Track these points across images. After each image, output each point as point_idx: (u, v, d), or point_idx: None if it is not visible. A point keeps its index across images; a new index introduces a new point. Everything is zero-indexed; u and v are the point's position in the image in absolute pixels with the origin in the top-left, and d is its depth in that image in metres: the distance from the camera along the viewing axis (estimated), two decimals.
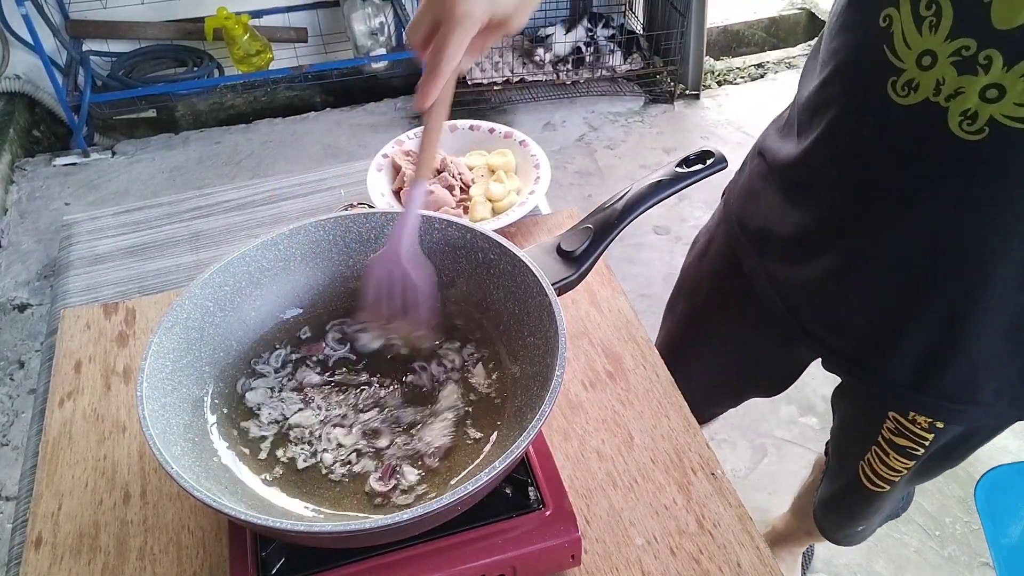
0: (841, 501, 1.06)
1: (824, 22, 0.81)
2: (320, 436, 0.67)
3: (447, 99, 0.61)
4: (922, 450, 0.85)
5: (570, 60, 3.08)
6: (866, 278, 0.77)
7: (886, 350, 0.79)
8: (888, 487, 0.94)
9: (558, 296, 0.66)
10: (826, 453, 1.10)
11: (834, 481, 1.06)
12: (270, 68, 2.89)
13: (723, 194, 1.01)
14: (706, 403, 1.15)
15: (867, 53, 0.68)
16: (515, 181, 1.06)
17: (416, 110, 0.61)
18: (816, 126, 0.77)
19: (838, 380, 0.94)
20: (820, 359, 0.90)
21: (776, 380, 1.04)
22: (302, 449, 0.66)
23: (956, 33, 0.60)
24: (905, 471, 0.90)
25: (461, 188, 1.03)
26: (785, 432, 1.85)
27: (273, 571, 0.60)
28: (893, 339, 0.77)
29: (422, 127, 0.64)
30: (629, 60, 3.13)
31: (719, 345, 1.05)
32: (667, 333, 1.15)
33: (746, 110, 3.07)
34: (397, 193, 1.04)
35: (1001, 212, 0.65)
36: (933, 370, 0.77)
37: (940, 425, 0.81)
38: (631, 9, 3.29)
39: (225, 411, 0.68)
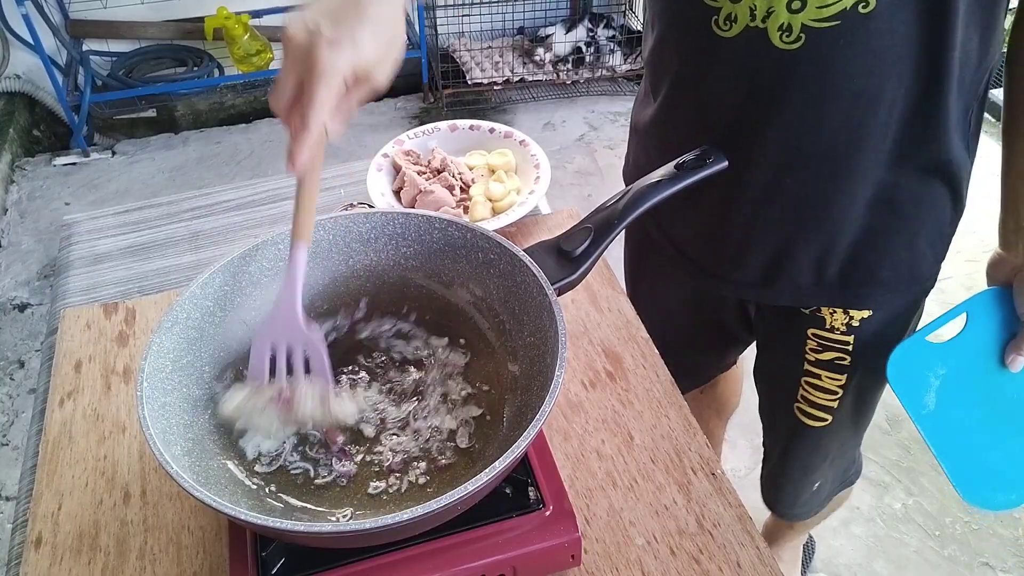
0: (785, 461, 1.06)
1: None
2: (320, 437, 0.67)
3: (319, 160, 0.59)
4: (848, 357, 0.90)
5: (570, 60, 3.08)
6: (746, 204, 0.83)
7: (786, 261, 0.85)
8: (829, 417, 0.96)
9: (558, 296, 0.66)
10: (763, 444, 1.12)
11: (772, 454, 1.09)
12: (270, 68, 2.89)
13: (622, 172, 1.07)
14: (688, 364, 1.14)
15: (686, 5, 0.76)
16: (515, 181, 1.06)
17: (288, 172, 0.59)
18: (664, 83, 0.86)
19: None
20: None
21: (738, 316, 1.03)
22: (302, 449, 0.66)
23: None
24: (840, 391, 0.93)
25: (461, 188, 1.03)
26: None
27: (273, 571, 0.60)
28: (789, 248, 0.84)
29: (297, 190, 0.62)
30: (629, 60, 3.13)
31: (665, 308, 1.07)
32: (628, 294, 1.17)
33: None
34: (397, 193, 1.04)
35: (839, 105, 0.73)
36: (827, 262, 0.84)
37: (856, 323, 0.87)
38: (631, 9, 3.29)
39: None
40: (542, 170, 1.04)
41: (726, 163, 0.74)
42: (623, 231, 1.07)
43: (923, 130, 0.75)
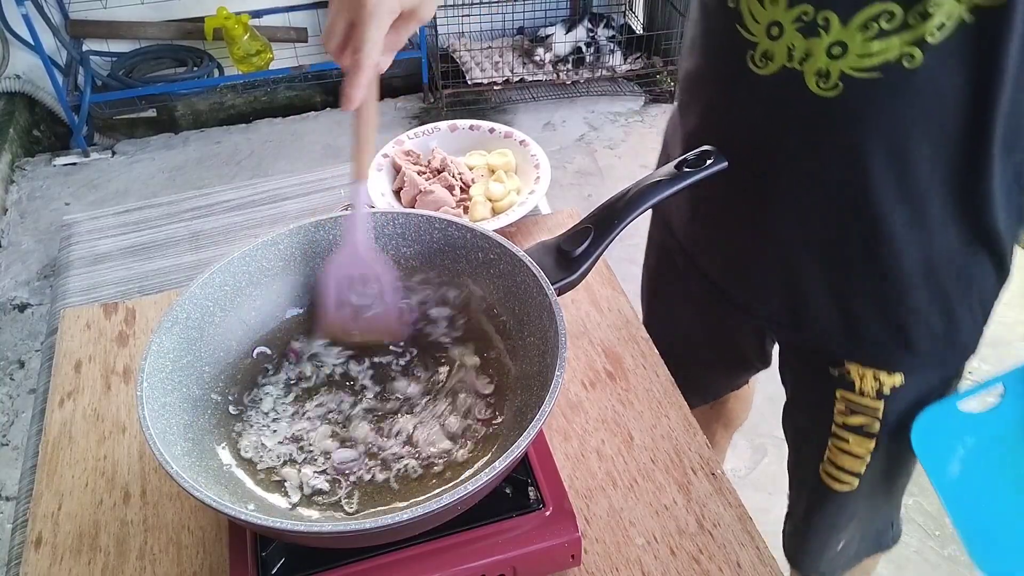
0: (809, 520, 1.01)
1: None
2: (320, 437, 0.67)
3: (374, 97, 0.62)
4: (877, 423, 0.85)
5: (570, 60, 3.08)
6: (772, 244, 0.81)
7: (809, 306, 0.82)
8: (855, 481, 0.91)
9: (558, 296, 0.66)
10: (790, 483, 1.07)
11: (796, 509, 1.03)
12: (270, 68, 2.89)
13: None
14: (700, 382, 1.13)
15: (723, 35, 0.73)
16: (515, 181, 1.06)
17: (344, 110, 0.61)
18: (694, 111, 0.83)
19: None
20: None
21: (754, 344, 1.01)
22: (302, 449, 0.66)
23: (794, 1, 0.66)
24: (867, 456, 0.89)
25: (461, 188, 1.03)
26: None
27: (273, 571, 0.60)
28: (812, 294, 0.81)
29: (353, 127, 0.65)
30: (629, 60, 3.13)
31: (679, 313, 1.05)
32: (643, 316, 1.16)
33: None
34: (397, 193, 1.04)
35: (873, 160, 0.69)
36: (857, 319, 0.80)
37: (887, 391, 0.82)
38: (631, 9, 3.29)
39: (226, 410, 0.68)
40: (542, 170, 1.04)
41: (726, 164, 0.74)
42: (645, 251, 1.08)
43: (966, 194, 0.71)
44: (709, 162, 0.74)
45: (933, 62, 0.63)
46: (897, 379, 0.82)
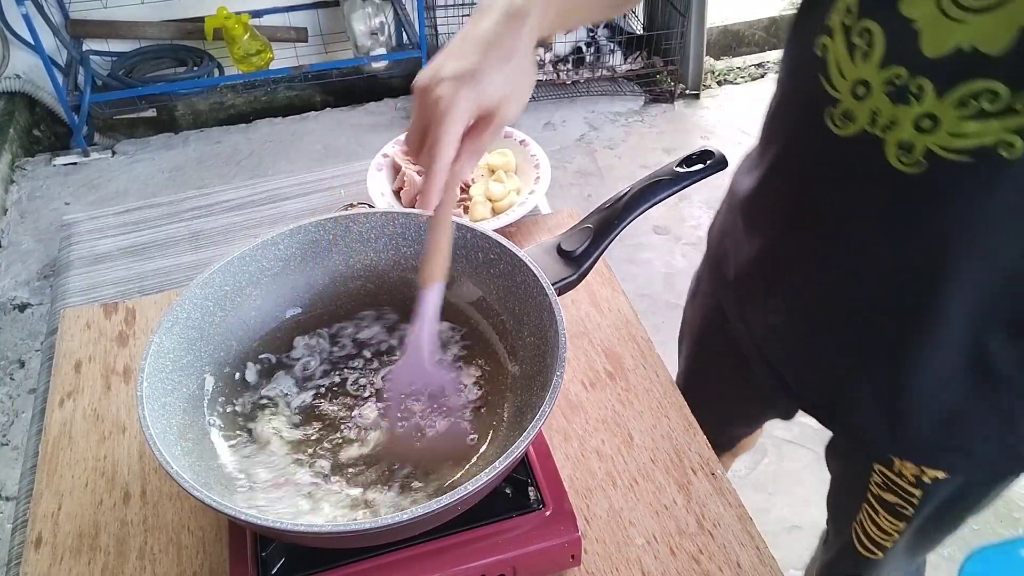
0: (837, 569, 0.99)
1: None
2: (320, 437, 0.67)
3: (452, 198, 0.60)
4: (912, 509, 0.80)
5: (570, 60, 3.08)
6: (822, 320, 0.75)
7: (851, 396, 0.76)
8: (882, 553, 0.88)
9: (558, 296, 0.66)
10: (827, 520, 1.04)
11: (831, 547, 1.01)
12: (270, 68, 2.89)
13: (708, 231, 0.98)
14: (721, 436, 1.10)
15: (806, 83, 0.66)
16: (515, 181, 1.06)
17: (425, 212, 0.60)
18: (766, 158, 0.76)
19: None
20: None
21: (789, 411, 0.98)
22: (303, 449, 0.66)
23: (888, 61, 0.58)
24: (897, 534, 0.85)
25: (461, 188, 1.03)
26: (785, 432, 1.85)
27: (273, 571, 0.60)
28: (857, 383, 0.75)
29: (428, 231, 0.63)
30: (629, 60, 3.13)
31: (719, 387, 1.01)
32: (679, 374, 1.12)
33: (746, 110, 3.07)
34: (397, 193, 1.04)
35: (947, 250, 0.62)
36: (904, 413, 0.73)
37: (928, 480, 0.76)
38: (631, 9, 3.29)
39: (225, 411, 0.68)
40: (542, 170, 1.04)
41: (726, 165, 0.74)
42: (694, 295, 1.03)
43: None
44: (709, 162, 0.74)
45: None
46: (940, 473, 0.76)
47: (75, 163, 2.82)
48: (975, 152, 0.56)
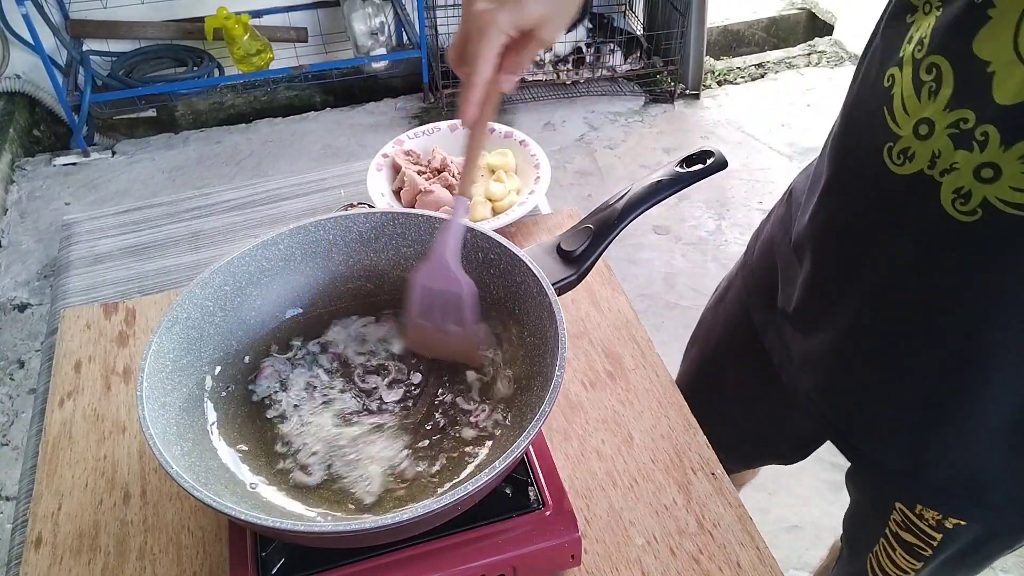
0: None
1: (824, 22, 0.80)
2: (320, 437, 0.67)
3: (488, 113, 0.62)
4: (930, 551, 0.78)
5: (570, 60, 3.08)
6: (856, 355, 0.73)
7: (882, 433, 0.74)
8: None
9: (558, 296, 0.66)
10: (842, 539, 1.03)
11: (844, 568, 0.99)
12: (270, 68, 2.89)
13: (752, 238, 0.96)
14: (728, 452, 1.10)
15: (869, 113, 0.63)
16: (515, 181, 1.06)
17: (461, 126, 0.62)
18: (822, 182, 0.73)
19: None
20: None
21: (793, 445, 0.97)
22: (303, 449, 0.66)
23: (955, 103, 0.56)
24: (914, 572, 0.83)
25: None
26: None
27: (273, 571, 0.60)
28: (888, 422, 0.73)
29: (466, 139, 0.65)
30: (629, 60, 3.13)
31: (731, 397, 1.00)
32: (682, 375, 1.11)
33: (746, 110, 3.07)
34: (397, 193, 1.04)
35: (995, 303, 0.60)
36: (931, 460, 0.71)
37: (949, 525, 0.75)
38: (631, 9, 3.29)
39: (225, 410, 0.68)
40: (542, 170, 1.04)
41: (726, 164, 0.74)
42: (718, 304, 1.00)
43: None
44: (709, 162, 0.74)
45: None
46: (963, 520, 0.74)
47: (75, 163, 2.82)
48: None
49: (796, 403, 0.83)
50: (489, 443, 0.65)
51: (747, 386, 0.96)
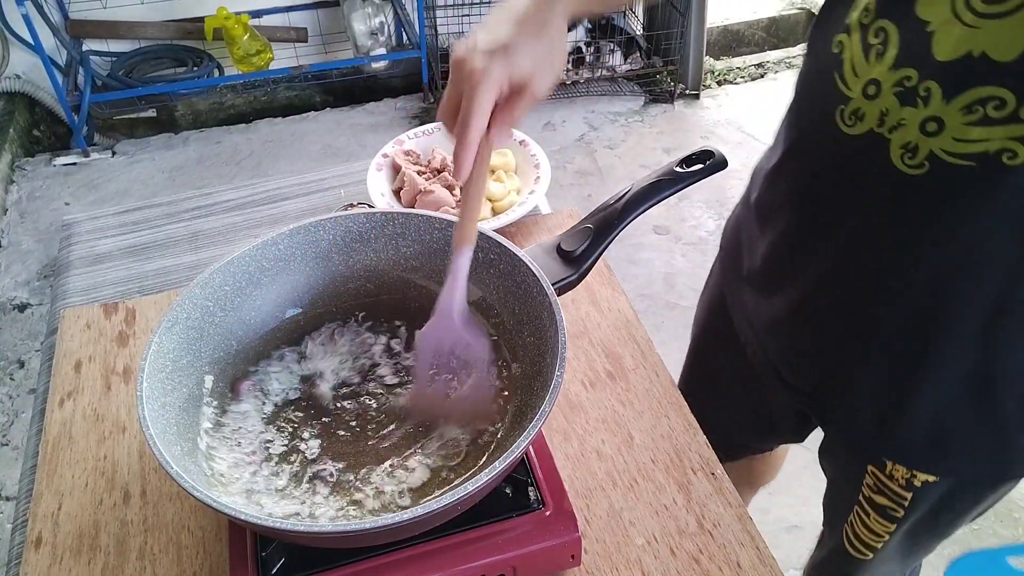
0: (828, 568, 0.99)
1: None
2: (320, 437, 0.67)
3: (483, 171, 0.61)
4: (901, 511, 0.81)
5: (570, 60, 3.08)
6: (820, 315, 0.75)
7: (845, 391, 0.76)
8: (871, 554, 0.88)
9: (558, 296, 0.66)
10: (823, 521, 1.04)
11: (824, 546, 1.01)
12: (270, 68, 2.89)
13: (725, 225, 0.98)
14: (730, 442, 1.08)
15: (821, 80, 0.67)
16: (515, 181, 1.06)
17: (456, 182, 0.61)
18: (778, 153, 0.77)
19: None
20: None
21: (792, 423, 0.98)
22: (303, 448, 0.66)
23: (900, 63, 0.59)
24: (887, 536, 0.85)
25: (461, 188, 1.03)
26: None
27: (273, 571, 0.60)
28: (850, 380, 0.75)
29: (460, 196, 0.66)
30: (629, 60, 3.13)
31: (723, 381, 1.02)
32: (684, 367, 1.12)
33: (746, 110, 3.07)
34: (397, 193, 1.04)
35: (950, 255, 0.63)
36: (894, 414, 0.74)
37: (918, 483, 0.77)
38: (631, 9, 3.28)
39: (226, 411, 0.68)
40: (542, 170, 1.04)
41: (726, 164, 0.74)
42: (703, 291, 1.03)
43: None
44: (709, 162, 0.74)
45: None
46: (931, 477, 0.77)
47: (75, 163, 2.82)
48: (978, 158, 0.57)
49: (766, 374, 0.86)
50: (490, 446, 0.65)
51: (732, 368, 0.98)
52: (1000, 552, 0.69)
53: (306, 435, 0.67)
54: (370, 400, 0.69)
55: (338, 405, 0.69)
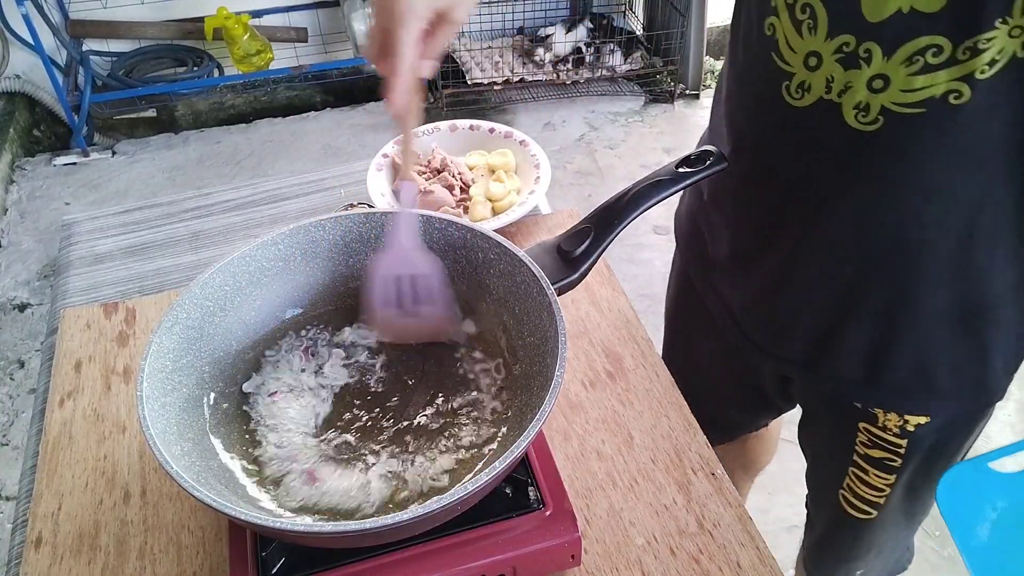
0: (828, 542, 1.00)
1: None
2: (320, 436, 0.67)
3: (416, 101, 0.62)
4: (899, 460, 0.83)
5: (570, 60, 3.08)
6: (800, 281, 0.78)
7: (832, 348, 0.79)
8: (874, 512, 0.90)
9: (558, 296, 0.66)
10: (806, 506, 1.06)
11: (816, 526, 1.02)
12: (270, 68, 2.89)
13: (675, 217, 1.01)
14: (722, 422, 1.11)
15: (760, 63, 0.70)
16: (515, 181, 1.06)
17: (392, 117, 0.62)
18: (726, 138, 0.79)
19: None
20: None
21: (779, 388, 0.98)
22: (301, 448, 0.66)
23: (834, 31, 0.62)
24: (888, 489, 0.87)
25: (461, 188, 1.03)
26: (785, 432, 1.84)
27: (273, 571, 0.60)
28: (836, 337, 0.78)
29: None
30: (629, 60, 3.13)
31: (705, 363, 1.03)
32: (663, 346, 1.14)
33: None
34: (397, 193, 1.04)
35: (912, 198, 0.66)
36: (882, 362, 0.76)
37: (911, 427, 0.79)
38: (631, 9, 3.29)
39: (225, 410, 0.68)
40: (542, 170, 1.04)
41: (726, 164, 0.74)
42: (668, 279, 1.07)
43: (1015, 242, 0.67)
44: (709, 162, 0.74)
45: (982, 99, 0.59)
46: (922, 419, 0.79)
47: (75, 163, 2.82)
48: (927, 103, 0.60)
49: (745, 350, 0.88)
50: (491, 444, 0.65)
51: (712, 350, 1.00)
52: (981, 459, 0.77)
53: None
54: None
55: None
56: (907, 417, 0.79)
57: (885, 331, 0.75)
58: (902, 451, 0.82)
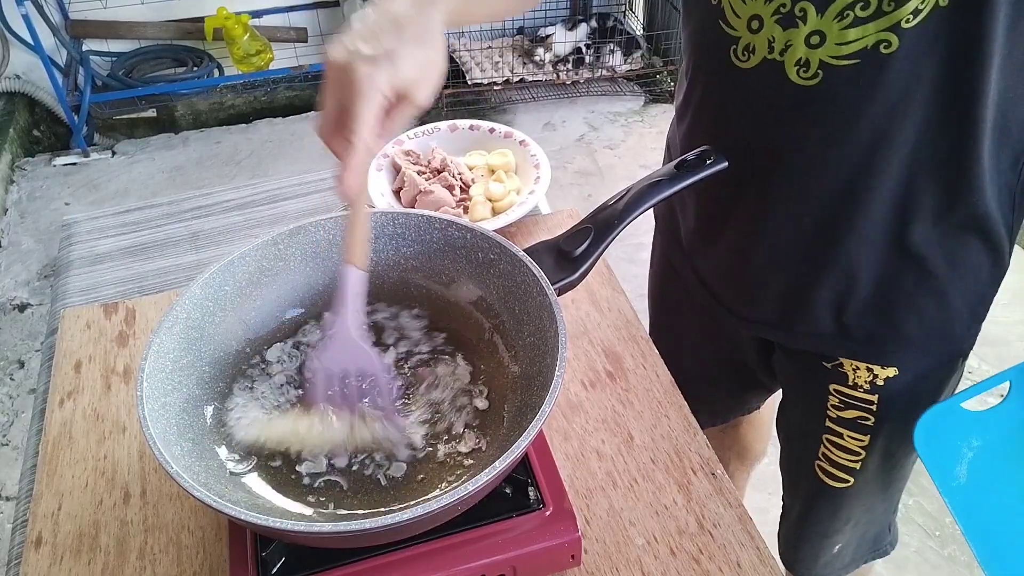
0: (806, 520, 1.00)
1: None
2: (319, 435, 0.66)
3: (367, 182, 0.59)
4: (872, 418, 0.85)
5: (570, 60, 3.08)
6: (764, 241, 0.81)
7: (803, 304, 0.82)
8: (851, 479, 0.91)
9: (558, 296, 0.66)
10: (783, 498, 1.06)
11: (792, 507, 1.03)
12: (270, 68, 2.89)
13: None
14: (713, 406, 1.13)
15: (709, 31, 0.75)
16: (515, 181, 1.06)
17: (341, 199, 0.59)
18: (689, 109, 0.84)
19: None
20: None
21: (757, 367, 1.00)
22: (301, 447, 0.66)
23: None
24: (863, 452, 0.88)
25: (461, 188, 1.03)
26: None
27: (273, 571, 0.60)
28: (805, 291, 0.81)
29: (349, 210, 0.61)
30: (629, 60, 3.13)
31: (685, 340, 1.05)
32: (650, 326, 1.15)
33: None
34: (397, 193, 1.04)
35: (856, 147, 0.70)
36: (849, 312, 0.80)
37: (880, 382, 0.82)
38: (631, 9, 3.29)
39: (225, 410, 0.68)
40: (542, 170, 1.04)
41: (725, 163, 0.74)
42: (650, 262, 1.08)
43: (952, 180, 0.71)
44: (709, 162, 0.74)
45: (910, 47, 0.63)
46: (891, 371, 0.82)
47: (75, 163, 2.82)
48: (860, 55, 0.65)
49: (722, 319, 0.91)
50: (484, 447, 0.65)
51: (695, 329, 1.02)
52: (954, 400, 0.79)
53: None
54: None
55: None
56: (876, 371, 0.82)
57: (849, 281, 0.78)
58: (874, 407, 0.85)
